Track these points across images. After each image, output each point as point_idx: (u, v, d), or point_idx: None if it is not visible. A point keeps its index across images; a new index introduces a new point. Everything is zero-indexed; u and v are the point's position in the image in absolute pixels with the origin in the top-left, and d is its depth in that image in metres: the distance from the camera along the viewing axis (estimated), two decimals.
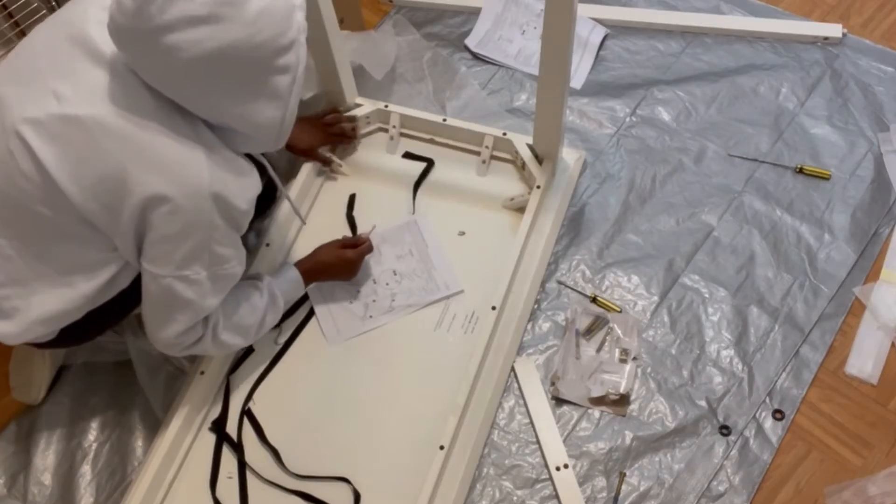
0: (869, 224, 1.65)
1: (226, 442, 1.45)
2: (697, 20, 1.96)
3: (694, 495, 1.39)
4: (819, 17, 1.95)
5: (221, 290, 1.25)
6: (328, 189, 1.74)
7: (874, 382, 1.49)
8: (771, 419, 1.46)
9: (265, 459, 1.44)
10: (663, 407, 1.48)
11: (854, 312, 1.56)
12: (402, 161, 1.76)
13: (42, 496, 1.46)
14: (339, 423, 1.47)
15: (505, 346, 1.52)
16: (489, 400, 1.48)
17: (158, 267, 1.17)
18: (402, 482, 1.39)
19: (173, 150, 1.10)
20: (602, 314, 1.56)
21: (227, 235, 1.19)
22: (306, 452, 1.44)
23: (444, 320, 1.56)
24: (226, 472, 1.43)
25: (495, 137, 1.71)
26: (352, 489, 1.40)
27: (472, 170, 1.74)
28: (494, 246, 1.62)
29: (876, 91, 1.81)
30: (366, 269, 1.61)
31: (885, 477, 1.39)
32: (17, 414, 1.54)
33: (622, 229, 1.67)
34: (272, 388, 1.51)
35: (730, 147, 1.76)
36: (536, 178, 1.65)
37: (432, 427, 1.41)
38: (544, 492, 1.41)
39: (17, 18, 1.58)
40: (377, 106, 1.77)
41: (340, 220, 1.69)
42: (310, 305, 1.58)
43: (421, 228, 1.67)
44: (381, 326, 1.56)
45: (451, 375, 1.46)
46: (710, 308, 1.57)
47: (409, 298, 1.58)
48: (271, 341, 1.54)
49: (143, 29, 1.01)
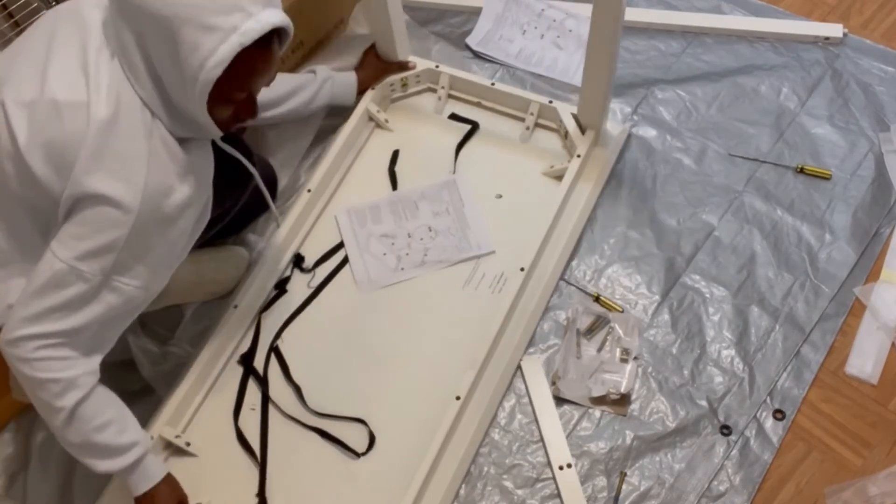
0: (870, 224, 1.65)
1: (252, 376, 1.52)
2: (698, 20, 1.96)
3: (694, 495, 1.39)
4: (819, 17, 1.95)
5: (107, 308, 1.16)
6: (373, 143, 1.80)
7: (874, 382, 1.49)
8: (771, 419, 1.46)
9: (287, 396, 1.50)
10: (664, 406, 1.48)
11: (854, 312, 1.56)
12: (448, 122, 1.82)
13: (41, 496, 1.46)
14: (361, 368, 1.52)
15: (529, 309, 1.55)
16: (508, 359, 1.51)
17: (61, 248, 1.13)
18: (416, 429, 1.44)
19: (126, 152, 1.10)
20: (603, 314, 1.56)
21: (146, 250, 1.15)
22: (327, 392, 1.50)
23: (473, 279, 1.60)
24: (249, 404, 1.50)
25: (541, 105, 1.76)
26: (368, 431, 1.45)
27: (516, 135, 1.79)
28: (530, 211, 1.65)
29: (877, 91, 1.81)
30: (401, 224, 1.67)
31: (885, 477, 1.39)
32: (17, 414, 1.54)
33: (623, 228, 1.67)
34: (301, 329, 1.57)
35: (731, 147, 1.76)
36: (578, 146, 1.69)
37: (450, 379, 1.45)
38: (545, 491, 1.41)
39: (17, 18, 1.58)
40: (428, 66, 1.83)
41: (382, 173, 1.76)
42: (344, 253, 1.65)
43: (459, 188, 1.72)
44: (412, 279, 1.61)
45: (474, 332, 1.50)
46: (710, 308, 1.57)
47: (442, 255, 1.64)
48: (304, 284, 1.62)
49: None
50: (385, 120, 1.81)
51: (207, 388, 1.50)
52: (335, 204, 1.72)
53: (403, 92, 1.86)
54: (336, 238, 1.68)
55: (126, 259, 1.14)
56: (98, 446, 1.22)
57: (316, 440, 1.46)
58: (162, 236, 1.17)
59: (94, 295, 1.14)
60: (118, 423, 1.24)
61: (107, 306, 1.16)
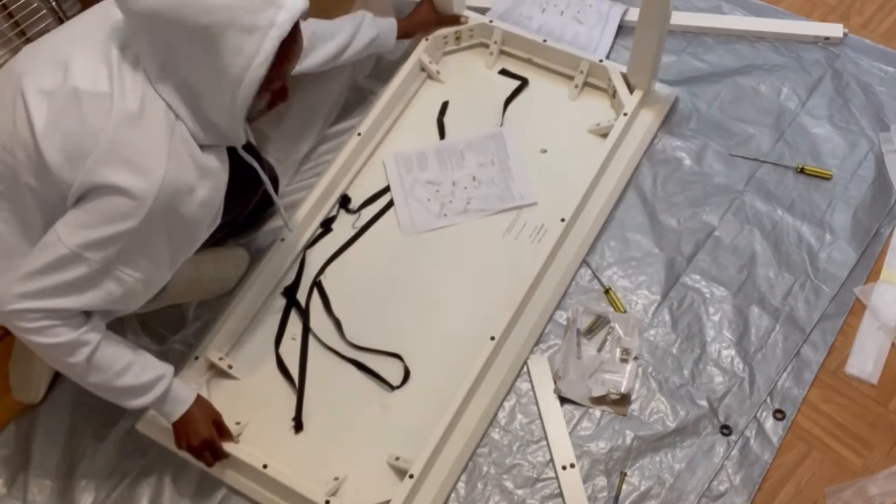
0: (870, 224, 1.64)
1: (294, 307, 1.60)
2: (698, 20, 1.96)
3: (695, 495, 1.39)
4: (819, 17, 1.95)
5: (106, 295, 1.17)
6: (423, 93, 1.85)
7: (874, 382, 1.49)
8: (772, 419, 1.46)
9: (327, 328, 1.57)
10: (664, 406, 1.48)
11: (854, 312, 1.56)
12: (498, 77, 1.86)
13: (42, 496, 1.46)
14: (399, 306, 1.59)
15: (567, 259, 1.60)
16: (544, 305, 1.55)
17: (68, 234, 1.13)
18: (450, 366, 1.49)
19: (147, 147, 1.11)
20: (603, 313, 1.56)
21: (152, 245, 1.16)
22: (366, 328, 1.56)
23: (514, 228, 1.66)
24: (290, 334, 1.57)
25: (591, 63, 1.80)
26: (403, 366, 1.51)
27: (564, 93, 1.83)
28: (574, 166, 1.70)
29: (877, 91, 1.81)
30: (447, 172, 1.72)
31: (885, 477, 1.39)
32: (17, 414, 1.54)
33: (623, 228, 1.67)
34: (344, 266, 1.64)
35: (731, 147, 1.76)
36: (625, 105, 1.73)
37: (486, 321, 1.50)
38: (545, 491, 1.41)
39: (17, 18, 1.58)
40: (482, 20, 1.88)
41: (431, 123, 1.81)
42: (389, 197, 1.70)
43: (506, 140, 1.76)
44: (454, 226, 1.67)
45: (512, 278, 1.55)
46: (711, 308, 1.57)
47: (484, 203, 1.69)
48: (349, 225, 1.69)
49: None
50: (437, 72, 1.86)
51: (252, 316, 1.58)
52: (383, 149, 1.78)
53: (456, 45, 1.90)
54: (382, 182, 1.74)
55: (131, 251, 1.15)
56: (123, 388, 1.26)
57: (352, 371, 1.52)
58: (170, 234, 1.17)
59: (96, 280, 1.16)
60: (137, 364, 1.27)
61: (107, 293, 1.18)
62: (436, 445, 1.39)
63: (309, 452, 1.45)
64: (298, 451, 1.45)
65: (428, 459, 1.38)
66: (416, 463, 1.37)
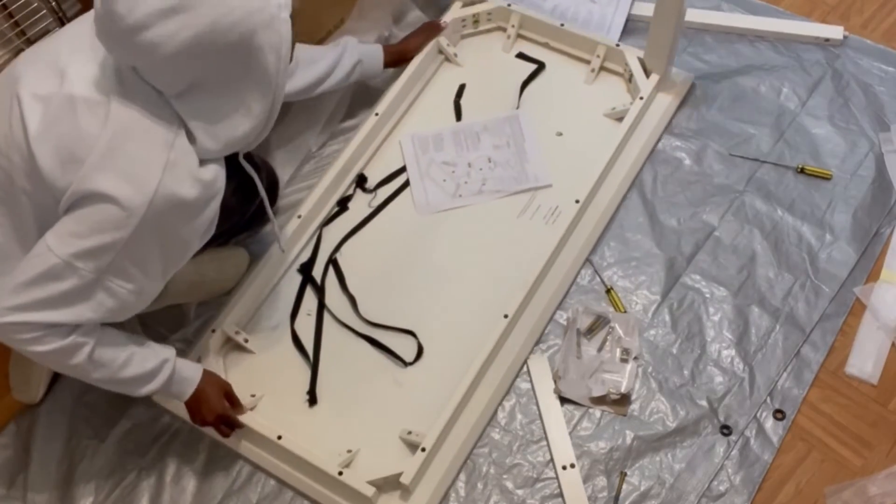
0: (870, 224, 1.64)
1: (310, 284, 1.62)
2: (699, 16, 1.95)
3: (695, 495, 1.39)
4: (819, 18, 1.95)
5: (98, 307, 1.16)
6: (441, 75, 1.89)
7: (874, 382, 1.49)
8: (772, 419, 1.46)
9: (342, 305, 1.60)
10: (664, 406, 1.48)
11: (855, 312, 1.56)
12: (515, 60, 1.89)
13: (42, 496, 1.46)
14: (413, 284, 1.61)
15: (581, 241, 1.61)
16: (557, 285, 1.57)
17: (58, 244, 1.12)
18: (463, 344, 1.51)
19: (142, 157, 1.10)
20: (603, 313, 1.56)
21: (144, 256, 1.15)
22: (380, 305, 1.59)
23: (529, 209, 1.68)
24: (306, 310, 1.60)
25: (608, 47, 1.82)
26: (416, 343, 1.53)
27: (581, 77, 1.85)
28: (589, 149, 1.71)
29: (877, 91, 1.81)
30: (462, 153, 1.73)
31: (885, 477, 1.39)
32: (17, 414, 1.54)
33: (623, 228, 1.67)
34: (359, 244, 1.67)
35: (731, 147, 1.76)
36: (641, 89, 1.74)
37: (499, 299, 1.52)
38: (545, 491, 1.41)
39: (17, 18, 1.58)
40: (500, 3, 1.90)
41: (448, 105, 1.84)
42: (405, 177, 1.73)
43: (521, 123, 1.78)
44: (469, 206, 1.69)
45: (526, 258, 1.57)
46: (711, 308, 1.57)
47: (499, 185, 1.71)
48: (365, 204, 1.71)
49: (117, 31, 1.03)
50: (454, 54, 1.89)
51: (268, 292, 1.61)
52: (400, 130, 1.80)
53: (474, 29, 1.93)
54: (398, 162, 1.77)
55: (123, 262, 1.14)
56: (129, 379, 1.26)
57: (366, 347, 1.55)
58: (163, 246, 1.17)
59: (87, 292, 1.14)
60: (139, 354, 1.27)
61: (98, 305, 1.16)
62: (448, 419, 1.41)
63: (322, 426, 1.48)
64: (312, 424, 1.48)
65: (440, 433, 1.40)
66: (428, 436, 1.39)
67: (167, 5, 1.02)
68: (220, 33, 1.04)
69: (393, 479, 1.37)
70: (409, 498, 1.39)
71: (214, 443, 1.48)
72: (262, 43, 1.08)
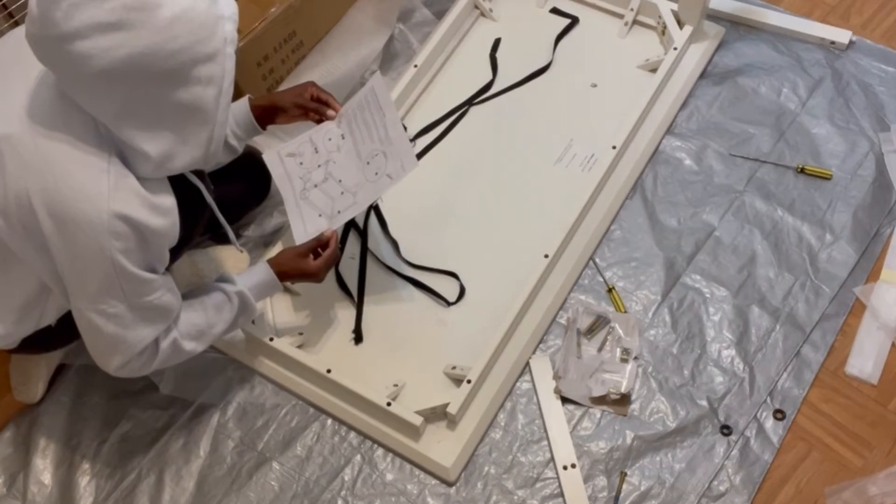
0: (870, 224, 1.65)
1: (353, 228, 1.65)
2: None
3: (695, 495, 1.39)
4: (819, 18, 1.95)
5: (153, 319, 1.19)
6: (477, 29, 1.95)
7: (874, 382, 1.49)
8: (772, 419, 1.46)
9: (385, 249, 1.64)
10: (664, 406, 1.48)
11: (855, 312, 1.56)
12: (549, 15, 1.95)
13: (42, 496, 1.46)
14: (455, 228, 1.66)
15: (618, 186, 1.67)
16: (595, 228, 1.62)
17: (77, 299, 1.14)
18: (504, 284, 1.55)
19: (78, 179, 1.07)
20: (603, 313, 1.56)
21: (135, 268, 1.12)
22: (422, 249, 1.63)
23: (565, 157, 1.73)
24: (349, 254, 1.63)
25: (641, 0, 1.87)
26: (459, 284, 1.58)
27: (614, 31, 1.91)
28: (623, 100, 1.77)
29: (877, 91, 1.81)
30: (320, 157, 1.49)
31: (885, 477, 1.39)
32: (17, 414, 1.54)
33: (623, 228, 1.67)
34: (400, 192, 1.58)
35: (731, 147, 1.76)
36: (675, 40, 1.80)
37: (539, 241, 1.57)
38: (545, 491, 1.41)
39: (17, 18, 1.58)
40: None
41: (484, 59, 1.90)
42: (445, 125, 1.79)
43: (377, 93, 1.44)
44: (502, 157, 1.74)
45: (564, 203, 1.62)
46: (711, 308, 1.57)
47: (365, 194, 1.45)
48: None
49: (49, 36, 0.99)
50: (490, 9, 1.94)
51: None
52: (438, 81, 1.86)
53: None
54: (438, 112, 1.81)
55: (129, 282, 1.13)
56: (225, 330, 1.31)
57: (409, 288, 1.60)
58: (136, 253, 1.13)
59: (130, 319, 1.16)
60: (213, 310, 1.29)
61: (152, 321, 1.19)
62: (492, 353, 1.45)
63: (368, 363, 1.52)
64: (358, 361, 1.52)
65: (484, 367, 1.44)
66: (473, 370, 1.43)
67: (108, 20, 0.97)
68: (158, 58, 1.00)
69: (440, 409, 1.42)
70: (455, 428, 1.43)
71: (215, 441, 1.48)
72: (202, 75, 1.04)
